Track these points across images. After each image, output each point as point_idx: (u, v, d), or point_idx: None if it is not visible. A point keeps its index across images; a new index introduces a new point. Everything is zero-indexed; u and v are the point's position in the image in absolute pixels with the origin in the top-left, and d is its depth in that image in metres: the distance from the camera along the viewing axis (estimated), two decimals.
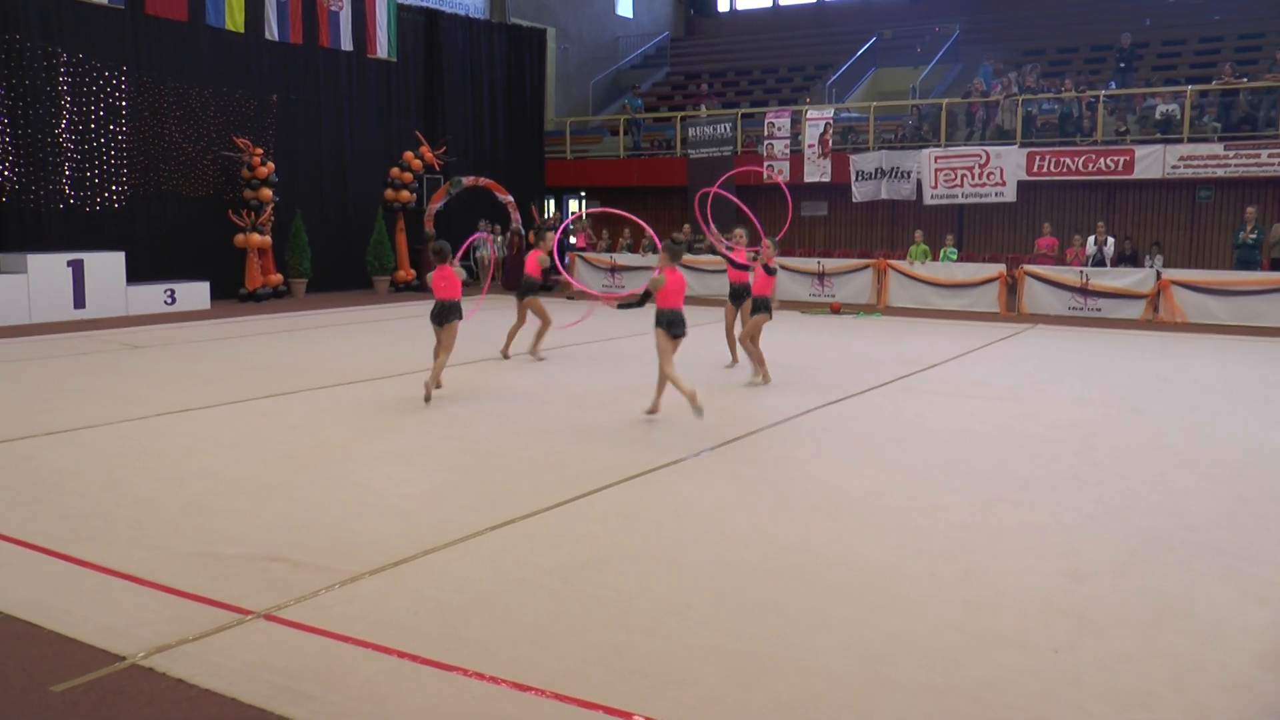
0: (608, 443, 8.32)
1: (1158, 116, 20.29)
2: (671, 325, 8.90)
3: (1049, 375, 11.90)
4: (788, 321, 17.34)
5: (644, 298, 8.94)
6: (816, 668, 4.28)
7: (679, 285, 8.89)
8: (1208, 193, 20.59)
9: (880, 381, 11.32)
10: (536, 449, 8.06)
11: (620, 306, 9.20)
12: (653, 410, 9.32)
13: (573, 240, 25.24)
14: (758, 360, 11.01)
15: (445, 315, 10.02)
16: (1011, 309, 18.74)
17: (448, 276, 10.08)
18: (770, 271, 10.78)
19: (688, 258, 20.79)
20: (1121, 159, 19.88)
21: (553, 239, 12.83)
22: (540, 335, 12.88)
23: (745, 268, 11.26)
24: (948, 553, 5.69)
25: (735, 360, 12.10)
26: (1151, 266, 18.62)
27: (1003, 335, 15.67)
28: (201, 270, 19.84)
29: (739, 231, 12.07)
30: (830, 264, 20.78)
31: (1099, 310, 18.03)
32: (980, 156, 20.96)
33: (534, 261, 12.61)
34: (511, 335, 12.95)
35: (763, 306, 10.85)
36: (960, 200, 21.36)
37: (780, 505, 6.57)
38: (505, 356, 12.80)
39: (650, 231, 12.38)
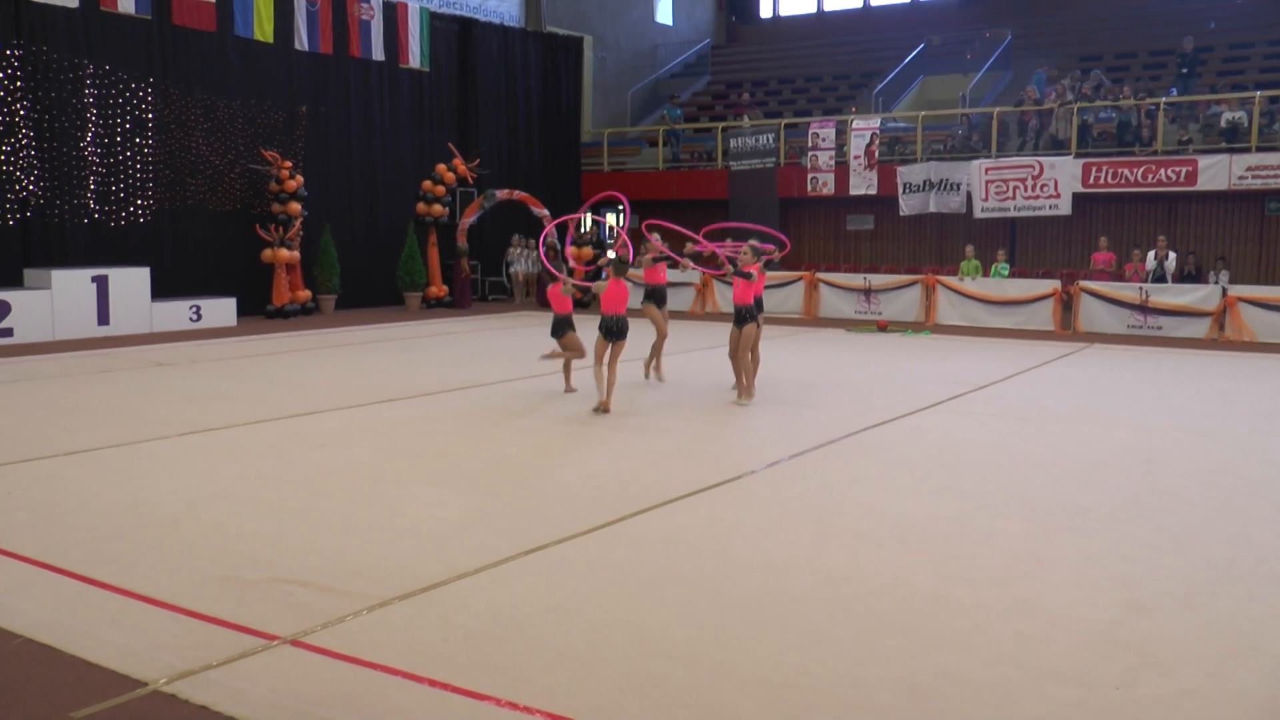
0: (647, 464, 8.32)
1: (1223, 124, 20.08)
2: (606, 330, 10.39)
3: (1107, 397, 11.78)
4: (832, 340, 17.28)
5: (589, 294, 10.02)
6: (863, 702, 4.24)
7: (618, 294, 10.37)
8: (1278, 205, 20.33)
9: (929, 402, 11.25)
10: (572, 470, 8.07)
11: (566, 289, 10.94)
12: (601, 408, 10.38)
13: (611, 255, 25.31)
14: (745, 376, 10.97)
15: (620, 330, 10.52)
16: (1067, 327, 18.57)
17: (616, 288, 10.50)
18: (745, 276, 10.75)
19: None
20: (1184, 170, 19.68)
21: (656, 246, 12.35)
22: (656, 351, 12.50)
23: (722, 278, 11.26)
24: (1000, 581, 5.63)
25: (746, 392, 11.33)
26: (1216, 282, 18.39)
27: (1058, 355, 15.54)
28: (228, 286, 20.07)
29: (688, 246, 12.18)
30: (877, 280, 20.70)
31: (1160, 329, 17.83)
32: (1033, 168, 20.83)
33: (657, 274, 12.31)
34: (656, 351, 12.49)
35: (746, 317, 10.81)
36: (1012, 213, 21.23)
37: (825, 531, 6.53)
38: (656, 378, 12.36)
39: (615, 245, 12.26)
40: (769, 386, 12.01)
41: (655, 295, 12.33)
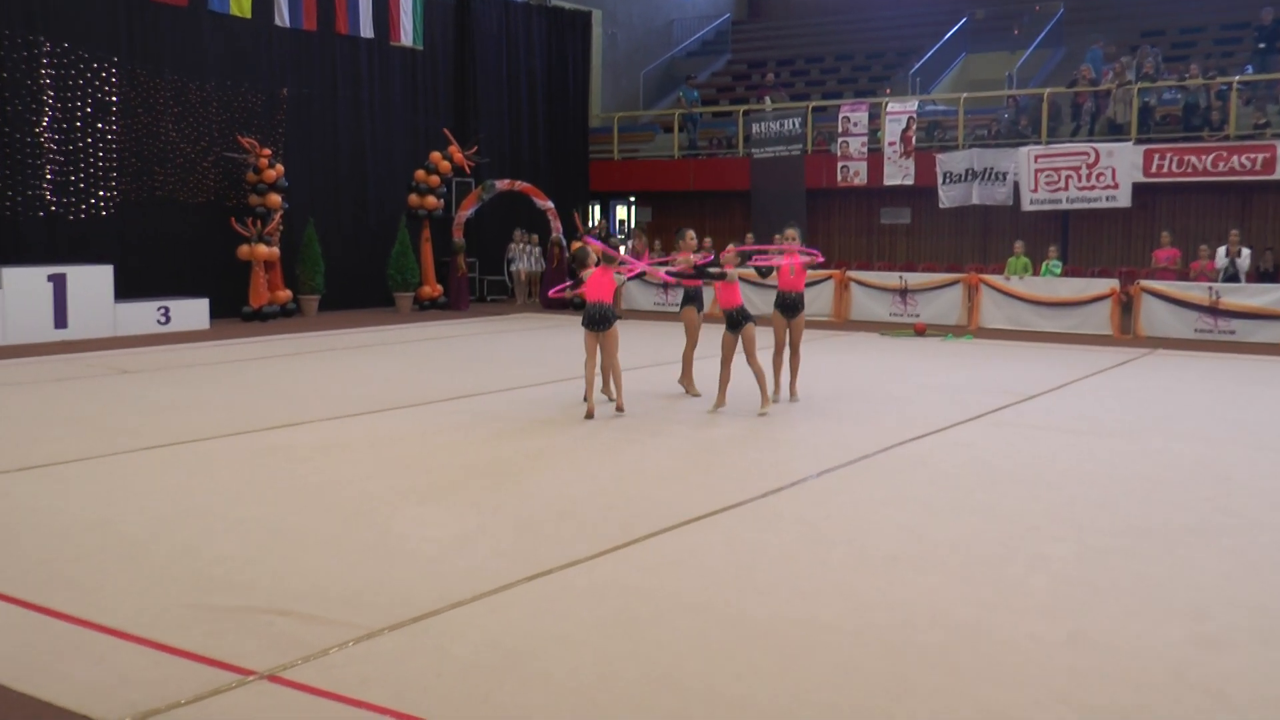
0: (662, 480, 8.34)
1: None
2: (586, 319, 10.95)
3: (1171, 408, 11.75)
4: (865, 344, 17.27)
5: (574, 286, 11.03)
6: None
7: (597, 282, 10.88)
8: None
9: (972, 414, 11.25)
10: (580, 487, 8.08)
11: (570, 289, 11.75)
12: (612, 406, 11.13)
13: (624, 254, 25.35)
14: (760, 383, 11.12)
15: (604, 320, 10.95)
16: (1126, 331, 18.52)
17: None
18: (719, 277, 11.00)
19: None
20: (1260, 156, 19.61)
21: (690, 254, 12.01)
22: (687, 361, 12.40)
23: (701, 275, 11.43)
24: (1052, 612, 5.61)
25: (768, 399, 11.28)
26: None
27: (1116, 362, 15.50)
28: (200, 286, 20.15)
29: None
30: (914, 279, 20.69)
31: (1232, 333, 17.77)
32: (1088, 155, 20.80)
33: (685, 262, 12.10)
34: (688, 362, 12.42)
35: (740, 319, 11.00)
36: (1065, 205, 21.20)
37: (857, 555, 6.52)
38: (694, 393, 12.21)
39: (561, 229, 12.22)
40: (761, 414, 11.99)
41: (695, 298, 12.37)
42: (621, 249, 25.26)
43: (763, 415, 10.93)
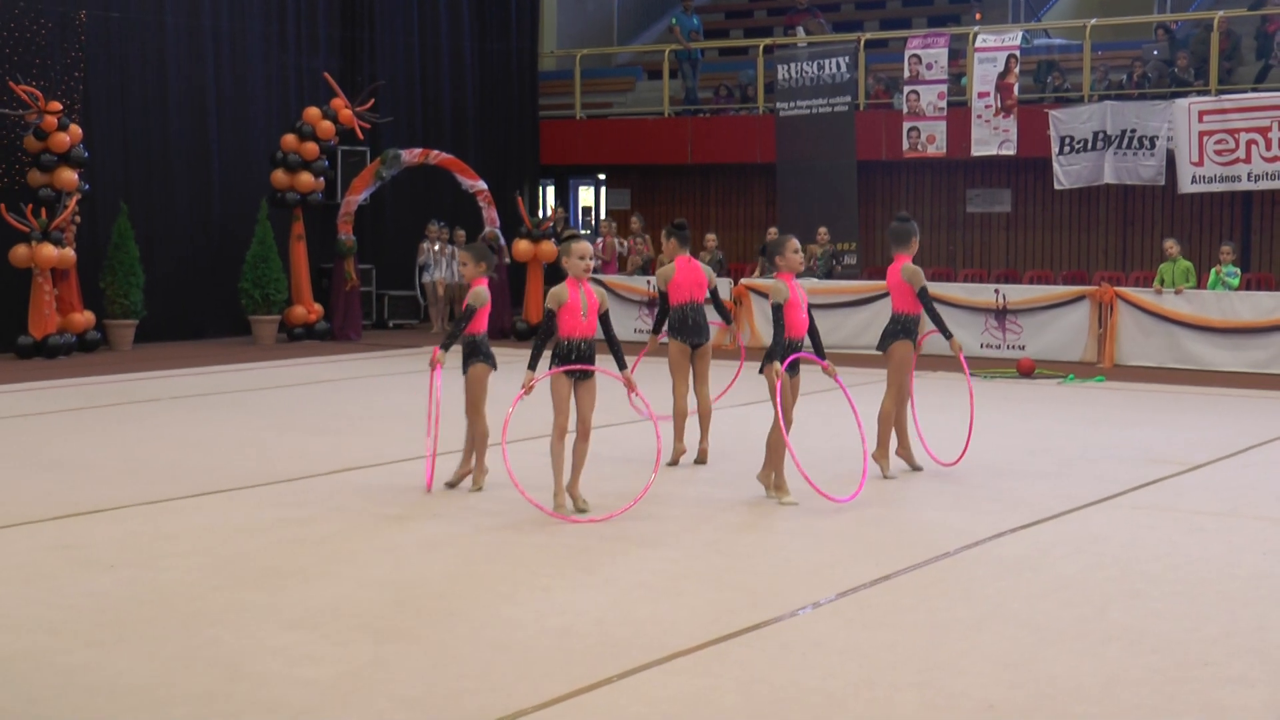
0: (644, 594, 8.31)
1: None
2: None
3: None
4: (944, 388, 17.20)
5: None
6: None
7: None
8: None
9: (1105, 494, 11.24)
10: (524, 604, 8.05)
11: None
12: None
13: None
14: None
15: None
16: None
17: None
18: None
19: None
20: None
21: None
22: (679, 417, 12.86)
23: None
24: None
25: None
26: None
27: None
28: None
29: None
30: (1017, 294, 20.71)
31: None
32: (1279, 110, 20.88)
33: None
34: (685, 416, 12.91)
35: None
36: (1244, 185, 21.25)
37: (934, 702, 6.50)
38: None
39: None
40: (833, 463, 11.97)
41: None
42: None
43: (784, 504, 10.91)
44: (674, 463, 12.34)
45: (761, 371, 10.70)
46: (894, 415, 12.22)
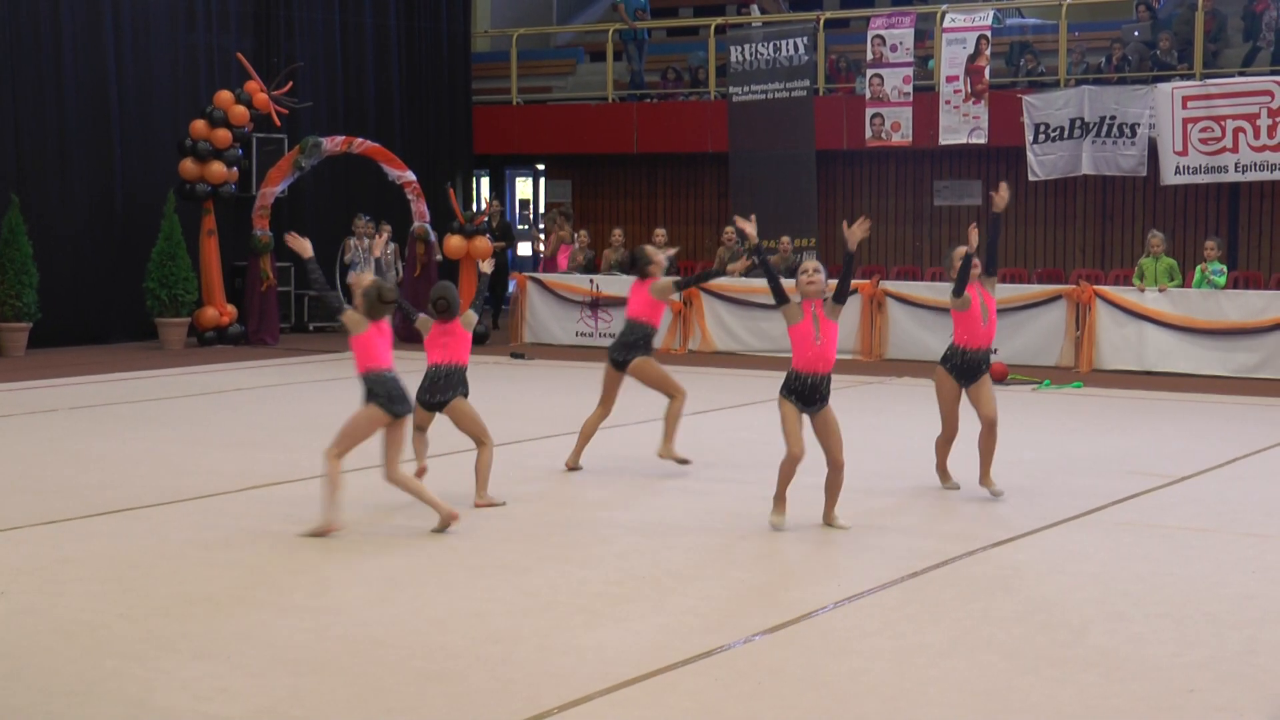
0: (589, 615, 8.29)
1: None
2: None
3: None
4: (911, 396, 17.24)
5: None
6: None
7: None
8: None
9: (1082, 508, 11.27)
10: (458, 630, 8.05)
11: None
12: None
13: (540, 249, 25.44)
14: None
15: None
16: None
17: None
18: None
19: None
20: None
21: (664, 258, 13.07)
22: (675, 419, 12.95)
23: None
24: None
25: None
26: None
27: None
28: None
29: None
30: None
31: None
32: (1270, 96, 20.97)
33: (645, 298, 12.74)
34: (587, 434, 13.05)
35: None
36: (1231, 176, 21.35)
37: None
38: (573, 468, 12.99)
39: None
40: (798, 478, 11.88)
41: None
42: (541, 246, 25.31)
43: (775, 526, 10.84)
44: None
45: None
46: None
